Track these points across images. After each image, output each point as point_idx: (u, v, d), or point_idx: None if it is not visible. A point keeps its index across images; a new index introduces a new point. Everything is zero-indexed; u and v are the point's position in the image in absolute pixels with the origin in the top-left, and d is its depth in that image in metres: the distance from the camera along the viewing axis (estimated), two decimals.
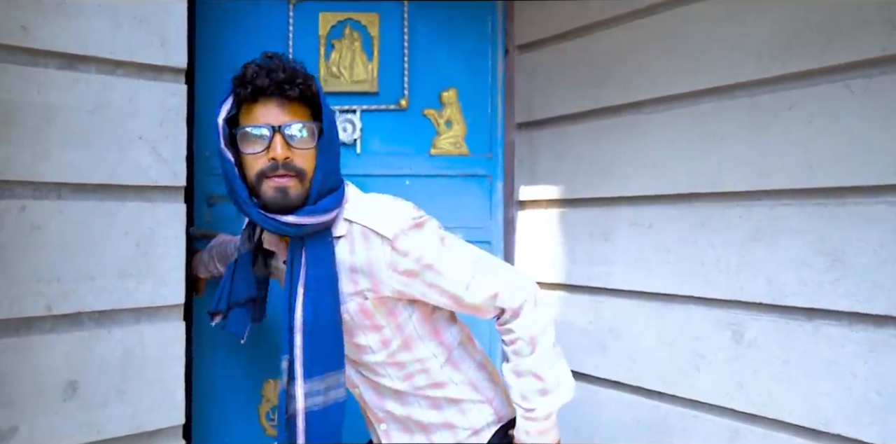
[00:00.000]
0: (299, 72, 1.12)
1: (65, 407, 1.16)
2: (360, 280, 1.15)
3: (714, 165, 1.43)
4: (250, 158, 1.11)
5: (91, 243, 1.20)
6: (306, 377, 1.13)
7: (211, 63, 1.77)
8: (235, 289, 1.29)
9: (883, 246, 1.16)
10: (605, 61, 1.70)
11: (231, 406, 1.76)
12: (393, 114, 1.94)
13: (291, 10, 1.86)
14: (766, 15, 1.35)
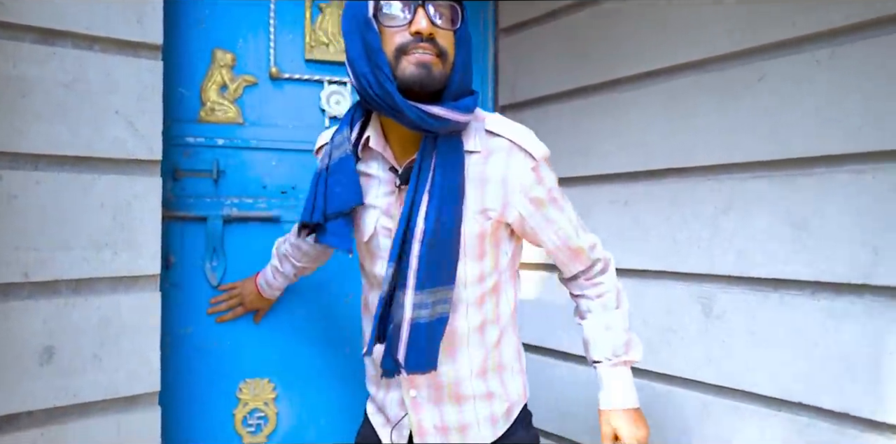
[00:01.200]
0: None
1: (42, 371, 1.20)
2: (490, 197, 1.08)
3: (688, 141, 1.44)
4: (389, 31, 0.98)
5: (68, 214, 1.24)
6: (418, 287, 1.05)
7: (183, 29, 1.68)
8: (335, 196, 1.10)
9: (843, 214, 1.15)
10: (582, 41, 1.71)
11: (205, 384, 1.80)
12: None
13: None
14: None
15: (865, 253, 1.12)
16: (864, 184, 1.15)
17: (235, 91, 1.75)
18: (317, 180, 1.12)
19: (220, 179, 1.70)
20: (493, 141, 1.07)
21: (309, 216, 1.12)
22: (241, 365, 1.73)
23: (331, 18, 1.86)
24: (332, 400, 1.85)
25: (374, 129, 1.10)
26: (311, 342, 1.82)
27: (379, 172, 1.13)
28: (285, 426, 1.79)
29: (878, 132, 1.13)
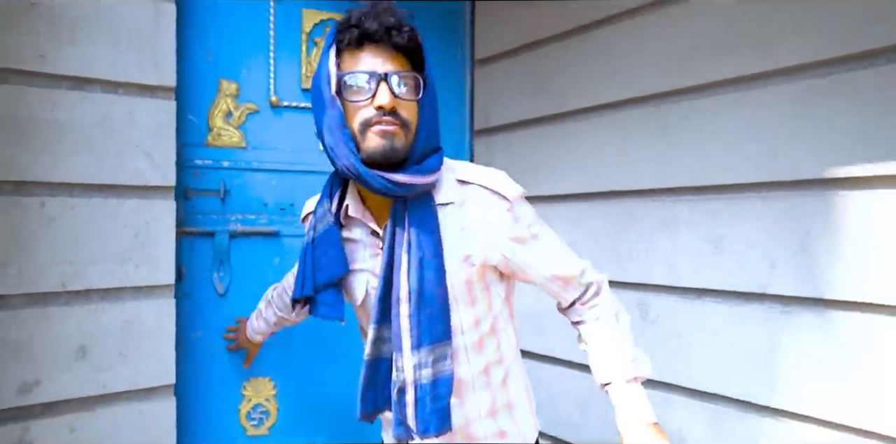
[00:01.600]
0: (403, 19, 1.03)
1: (76, 366, 1.43)
2: (470, 244, 1.07)
3: (630, 167, 1.65)
4: (353, 106, 1.00)
5: (97, 234, 1.47)
6: (414, 347, 1.04)
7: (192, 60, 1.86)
8: (323, 268, 1.11)
9: (748, 234, 1.37)
10: (545, 74, 1.92)
11: (216, 378, 2.01)
12: None
13: (273, 4, 1.98)
14: (670, 38, 1.57)
15: (765, 267, 1.34)
16: (764, 208, 1.37)
17: (239, 118, 1.96)
18: (304, 254, 1.13)
19: (226, 197, 1.91)
20: (466, 189, 1.09)
21: (300, 291, 1.12)
22: (240, 369, 1.94)
23: None
24: (327, 397, 2.07)
25: (353, 196, 1.12)
26: (309, 345, 2.03)
27: (363, 237, 1.13)
28: (285, 420, 2.00)
29: (775, 165, 1.35)
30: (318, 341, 2.05)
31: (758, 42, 1.38)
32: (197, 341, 1.85)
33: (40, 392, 1.39)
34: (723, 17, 1.46)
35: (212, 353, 1.88)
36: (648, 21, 1.63)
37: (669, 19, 1.57)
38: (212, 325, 1.87)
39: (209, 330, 1.87)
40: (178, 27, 1.67)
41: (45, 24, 1.40)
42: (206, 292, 1.87)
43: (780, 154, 1.34)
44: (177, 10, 1.62)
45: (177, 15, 1.62)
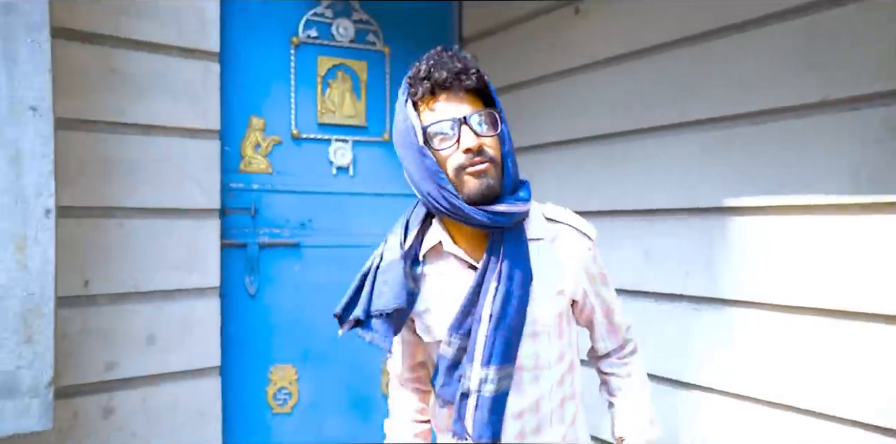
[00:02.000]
0: (469, 63, 1.07)
1: (147, 350, 1.84)
2: (563, 278, 1.13)
3: (586, 193, 2.04)
4: (443, 153, 1.04)
5: (160, 247, 1.87)
6: (483, 363, 1.09)
7: (229, 101, 2.22)
8: (380, 297, 1.12)
9: (670, 248, 1.75)
10: (520, 112, 2.31)
11: (249, 365, 2.41)
12: (378, 144, 2.56)
13: (293, 50, 2.40)
14: (616, 91, 1.96)
15: (681, 274, 1.73)
16: (682, 228, 1.75)
17: (266, 148, 2.36)
18: (363, 278, 1.15)
19: (255, 215, 2.30)
20: (554, 227, 1.14)
21: (349, 311, 1.14)
22: (272, 354, 2.34)
23: (336, 91, 2.47)
24: (341, 381, 2.46)
25: (442, 233, 1.13)
26: (326, 338, 2.42)
27: (457, 271, 1.14)
28: (305, 400, 2.40)
29: (690, 195, 1.73)
30: (333, 335, 2.44)
31: (677, 100, 1.77)
32: (232, 333, 2.24)
33: (120, 370, 1.79)
34: (654, 77, 1.84)
35: (246, 343, 2.28)
36: (599, 76, 2.02)
37: (616, 76, 1.96)
38: (242, 321, 2.26)
39: (241, 325, 2.26)
40: (220, 79, 2.06)
41: (121, 84, 1.80)
42: (240, 293, 2.26)
43: (694, 187, 1.73)
44: (220, 67, 2.02)
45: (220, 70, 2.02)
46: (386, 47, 2.54)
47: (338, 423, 2.45)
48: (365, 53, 2.51)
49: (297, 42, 2.38)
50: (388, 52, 2.55)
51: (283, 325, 2.35)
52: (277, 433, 2.34)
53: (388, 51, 2.55)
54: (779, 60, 1.58)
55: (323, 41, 2.43)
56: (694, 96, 1.76)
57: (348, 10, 2.48)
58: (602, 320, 1.20)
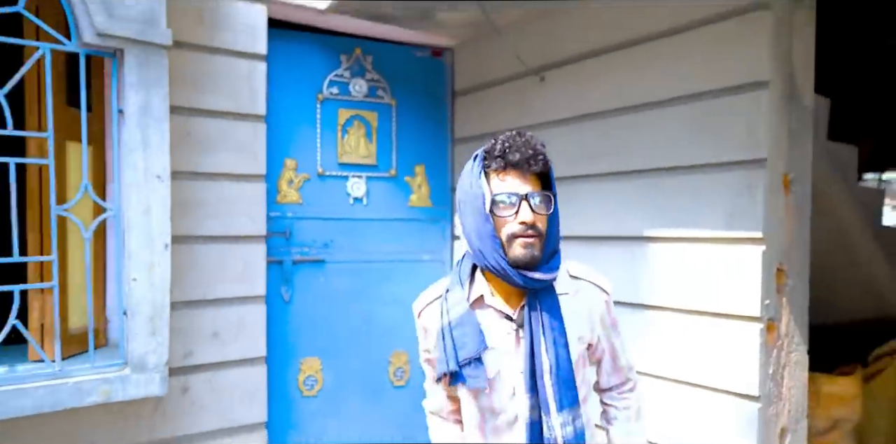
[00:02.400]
0: (540, 149, 1.23)
1: (212, 343, 2.43)
2: (582, 326, 1.30)
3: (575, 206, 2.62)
4: (501, 220, 1.21)
5: (223, 264, 2.46)
6: (559, 410, 1.24)
7: (270, 150, 2.84)
8: (465, 347, 1.27)
9: (608, 265, 2.34)
10: None
11: (290, 355, 2.99)
12: (386, 179, 3.15)
13: (319, 105, 3.01)
14: (569, 143, 2.54)
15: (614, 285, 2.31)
16: (614, 250, 2.33)
17: (297, 184, 2.95)
18: (444, 335, 1.29)
19: (289, 237, 2.90)
20: (576, 283, 1.34)
21: (445, 367, 1.28)
22: (302, 349, 2.93)
23: (352, 137, 3.06)
24: (356, 371, 3.05)
25: (484, 287, 1.32)
26: (345, 336, 3.01)
27: (493, 321, 1.30)
28: (328, 386, 2.98)
29: (621, 226, 2.32)
30: (351, 334, 3.03)
31: (613, 154, 2.36)
32: (271, 332, 2.82)
33: (193, 358, 2.38)
34: (597, 136, 2.43)
35: (282, 339, 2.86)
36: (558, 132, 2.61)
37: (570, 132, 2.55)
38: (278, 322, 2.85)
39: (277, 325, 2.84)
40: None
41: (195, 143, 2.39)
42: (277, 300, 2.85)
43: (623, 220, 2.31)
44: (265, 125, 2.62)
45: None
46: (393, 100, 3.14)
47: (353, 405, 3.04)
48: (376, 106, 3.10)
49: (321, 98, 2.98)
50: (395, 104, 3.14)
51: (310, 325, 2.93)
52: (306, 413, 2.93)
53: (395, 103, 3.14)
54: (684, 132, 2.16)
55: (342, 96, 3.03)
56: (626, 152, 2.34)
57: (362, 71, 3.07)
58: (609, 360, 1.40)
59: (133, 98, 1.84)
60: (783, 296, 2.08)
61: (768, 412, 2.05)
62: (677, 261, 2.18)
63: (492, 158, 1.24)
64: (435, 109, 3.25)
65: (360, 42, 3.05)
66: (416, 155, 3.21)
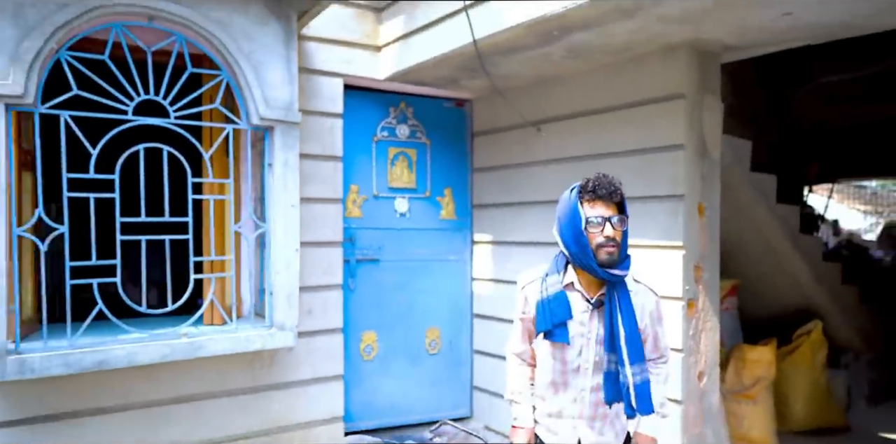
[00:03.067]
0: (618, 187, 1.85)
1: (308, 318, 3.48)
2: (640, 314, 1.92)
3: (530, 231, 3.67)
4: (591, 234, 1.81)
5: (315, 262, 3.51)
6: (631, 364, 1.85)
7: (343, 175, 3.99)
8: (556, 315, 1.88)
9: None
10: (509, 181, 3.95)
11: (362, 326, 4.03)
12: (423, 199, 4.20)
13: (374, 145, 4.07)
14: (556, 174, 3.59)
15: None
16: None
17: (359, 203, 3.99)
18: (542, 306, 1.92)
19: (354, 242, 3.95)
20: (638, 286, 1.96)
21: (543, 326, 1.91)
22: (362, 324, 3.97)
23: (398, 168, 4.12)
24: (404, 340, 4.11)
25: (573, 277, 1.93)
26: (393, 314, 4.07)
27: (577, 300, 1.92)
28: (381, 353, 4.04)
29: None
30: (397, 314, 4.08)
31: None
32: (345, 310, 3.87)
33: (301, 326, 3.42)
34: (572, 172, 3.47)
35: (350, 317, 3.91)
36: (547, 168, 3.66)
37: (555, 169, 3.59)
38: (349, 303, 3.91)
39: (348, 306, 3.89)
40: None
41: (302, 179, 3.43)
42: (345, 288, 3.90)
43: None
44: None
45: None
46: (428, 140, 4.20)
47: (399, 367, 4.09)
48: (415, 144, 4.16)
49: (376, 139, 4.04)
50: (429, 143, 4.20)
51: (368, 307, 3.99)
52: (366, 372, 3.98)
53: (429, 142, 4.20)
54: (632, 174, 3.20)
55: (391, 138, 4.08)
56: None
57: (405, 119, 4.13)
58: (652, 341, 2.03)
59: (279, 156, 2.89)
60: (700, 284, 3.14)
61: (689, 360, 3.09)
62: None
63: (585, 192, 1.85)
64: (459, 146, 4.31)
65: (403, 97, 4.11)
66: (445, 180, 4.26)
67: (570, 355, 1.94)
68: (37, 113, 2.39)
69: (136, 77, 2.58)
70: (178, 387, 3.01)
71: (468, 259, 4.32)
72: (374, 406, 3.99)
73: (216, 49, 2.71)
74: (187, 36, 2.67)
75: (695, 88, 3.04)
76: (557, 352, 1.96)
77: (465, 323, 4.32)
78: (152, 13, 2.54)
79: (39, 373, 2.38)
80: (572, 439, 2.00)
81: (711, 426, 3.27)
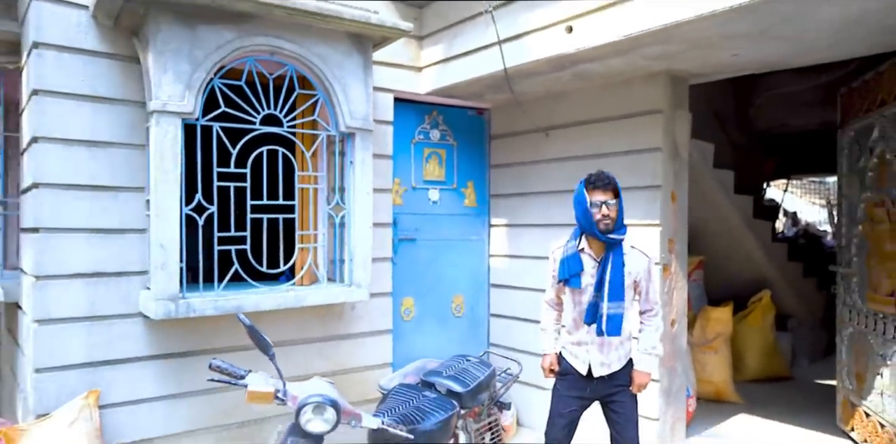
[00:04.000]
0: (612, 179, 2.80)
1: None
2: (632, 270, 2.84)
3: (544, 213, 4.64)
4: (593, 212, 2.75)
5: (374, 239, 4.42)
6: (609, 300, 2.76)
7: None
8: (572, 268, 2.84)
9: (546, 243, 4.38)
10: (520, 176, 4.93)
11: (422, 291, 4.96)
12: (450, 190, 5.15)
13: (413, 146, 5.00)
14: (562, 171, 4.57)
15: None
16: None
17: (400, 193, 4.92)
18: (562, 262, 2.88)
19: (396, 225, 4.88)
20: (633, 250, 2.90)
21: (563, 276, 2.88)
22: (402, 291, 4.90)
23: (431, 165, 5.08)
24: (435, 305, 5.06)
25: (585, 243, 2.88)
26: (426, 284, 5.02)
27: (587, 259, 2.87)
28: (417, 313, 4.98)
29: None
30: (429, 283, 5.03)
31: None
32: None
33: None
34: (575, 170, 4.45)
35: (393, 285, 4.84)
36: (552, 166, 4.64)
37: (560, 166, 4.57)
38: (393, 274, 4.84)
39: (393, 276, 4.82)
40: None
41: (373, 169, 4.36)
42: (392, 262, 4.84)
43: None
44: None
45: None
46: (455, 142, 5.15)
47: (431, 328, 5.04)
48: (444, 145, 5.11)
49: (414, 141, 4.98)
50: (456, 144, 5.16)
51: (407, 277, 4.93)
52: (406, 331, 4.93)
53: (456, 144, 5.16)
54: (622, 170, 4.18)
55: (425, 140, 5.03)
56: None
57: (437, 124, 5.07)
58: (644, 294, 2.92)
59: (358, 156, 3.81)
60: (672, 254, 4.14)
61: (665, 310, 4.10)
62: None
63: (589, 183, 2.81)
64: (479, 147, 5.27)
65: (435, 107, 5.05)
66: (468, 175, 5.22)
67: (583, 297, 2.86)
68: (199, 124, 3.29)
69: (262, 96, 3.50)
70: (277, 334, 3.92)
71: (486, 239, 5.29)
72: (411, 358, 4.92)
73: (315, 75, 3.63)
74: (296, 66, 3.58)
75: (669, 105, 4.04)
76: (576, 296, 2.90)
77: (484, 291, 5.28)
78: (274, 50, 3.45)
79: (199, 313, 3.29)
80: (587, 359, 2.90)
81: (681, 362, 4.29)
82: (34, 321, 3.26)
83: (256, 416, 3.92)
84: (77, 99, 3.29)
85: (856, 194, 4.24)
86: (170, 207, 3.18)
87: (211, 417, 3.76)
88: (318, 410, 2.11)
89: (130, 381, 3.49)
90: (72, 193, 3.30)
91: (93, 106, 3.34)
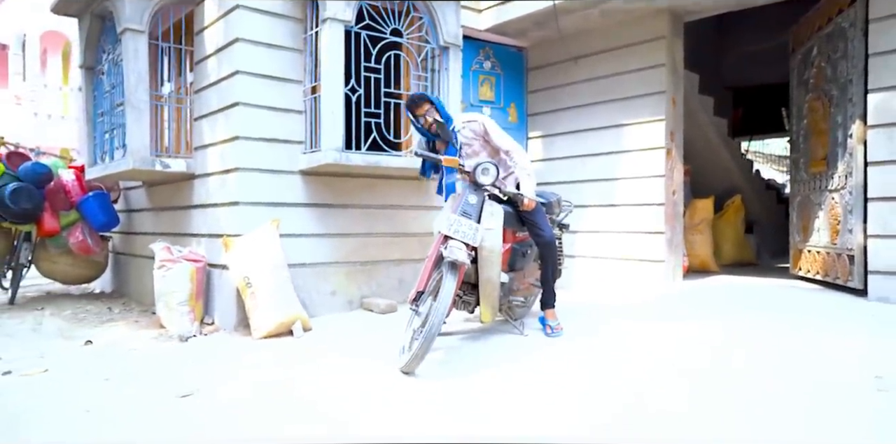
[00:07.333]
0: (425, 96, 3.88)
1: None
2: (466, 135, 4.04)
3: (588, 118, 6.17)
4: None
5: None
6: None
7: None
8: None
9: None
10: (552, 97, 6.45)
11: None
12: (498, 108, 6.67)
13: (472, 73, 6.49)
14: (584, 91, 6.10)
15: None
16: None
17: (462, 108, 6.38)
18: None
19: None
20: (467, 121, 3.96)
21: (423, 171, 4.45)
22: None
23: (484, 88, 6.59)
24: None
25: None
26: None
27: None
28: None
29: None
30: None
31: (602, 104, 5.93)
32: None
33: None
34: (592, 91, 5.97)
35: None
36: (580, 87, 6.17)
37: (583, 88, 6.09)
38: None
39: None
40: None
41: None
42: None
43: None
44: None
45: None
46: (501, 71, 6.67)
47: None
48: (493, 73, 6.62)
49: (472, 69, 6.50)
50: (502, 74, 6.67)
51: None
52: None
53: (502, 73, 6.67)
54: (637, 82, 5.71)
55: (480, 69, 6.55)
56: (607, 104, 5.89)
57: (488, 57, 6.58)
58: (496, 149, 3.98)
59: (452, 65, 5.29)
60: (673, 142, 5.70)
61: (667, 183, 5.64)
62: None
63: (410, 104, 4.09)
64: (519, 77, 6.79)
65: (488, 44, 6.55)
66: (511, 97, 6.73)
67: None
68: (353, 30, 4.74)
69: (390, 16, 4.96)
70: (385, 198, 5.35)
71: (525, 147, 6.79)
72: None
73: (424, 3, 5.11)
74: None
75: (669, 33, 5.60)
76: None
77: None
78: None
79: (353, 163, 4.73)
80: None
81: (678, 222, 5.85)
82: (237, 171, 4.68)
83: (372, 259, 5.36)
84: (263, 13, 4.71)
85: (802, 98, 5.82)
86: (336, 85, 4.62)
87: (344, 254, 5.19)
88: (485, 170, 3.57)
89: (291, 220, 4.90)
90: (260, 80, 4.71)
91: (272, 19, 4.75)
